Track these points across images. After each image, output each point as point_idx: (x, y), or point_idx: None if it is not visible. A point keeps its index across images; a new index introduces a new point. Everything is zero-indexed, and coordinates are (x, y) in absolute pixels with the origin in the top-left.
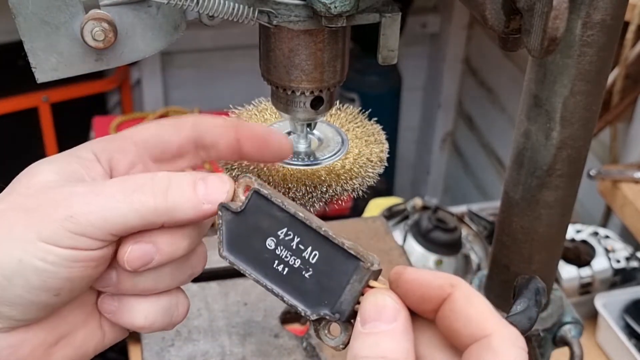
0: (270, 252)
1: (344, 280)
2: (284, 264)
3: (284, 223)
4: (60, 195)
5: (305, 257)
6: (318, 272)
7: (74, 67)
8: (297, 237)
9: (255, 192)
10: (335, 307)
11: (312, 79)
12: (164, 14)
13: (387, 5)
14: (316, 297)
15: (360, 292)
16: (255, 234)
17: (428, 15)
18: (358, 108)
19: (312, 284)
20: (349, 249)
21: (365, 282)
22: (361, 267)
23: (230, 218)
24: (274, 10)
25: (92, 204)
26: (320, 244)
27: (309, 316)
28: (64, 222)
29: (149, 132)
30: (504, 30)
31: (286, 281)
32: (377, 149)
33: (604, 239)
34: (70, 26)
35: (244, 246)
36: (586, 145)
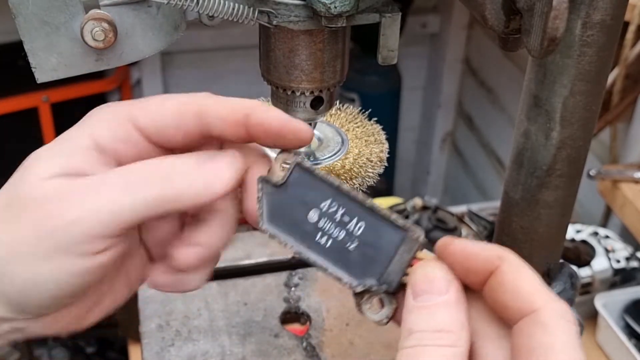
0: (312, 224)
1: (390, 251)
2: (327, 236)
3: (328, 195)
4: (66, 201)
5: (350, 229)
6: (363, 243)
7: (74, 67)
8: (341, 208)
9: (297, 165)
10: (383, 278)
11: (312, 79)
12: (164, 14)
13: (387, 5)
14: (361, 269)
15: (408, 262)
16: (297, 206)
17: (428, 15)
18: (358, 108)
19: (357, 256)
20: (396, 220)
21: (414, 252)
22: (409, 237)
23: (270, 191)
24: (274, 10)
25: (97, 203)
26: (365, 215)
27: (354, 288)
28: (74, 232)
29: (151, 120)
30: (504, 30)
31: (329, 253)
32: (377, 149)
33: (604, 239)
34: (70, 26)
35: (285, 219)
36: (586, 145)
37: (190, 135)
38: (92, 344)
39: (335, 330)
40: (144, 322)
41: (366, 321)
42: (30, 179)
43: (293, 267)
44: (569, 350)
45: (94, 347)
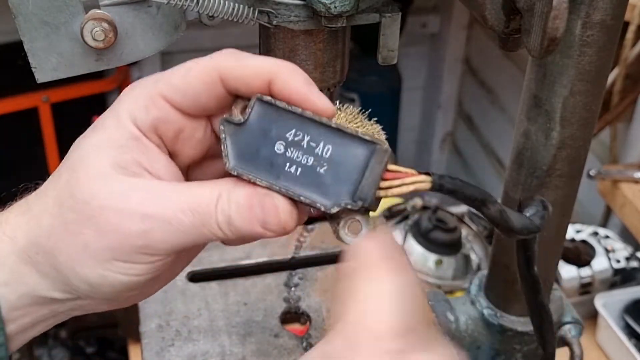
0: (280, 155)
1: (361, 166)
2: (296, 164)
3: (291, 124)
4: (127, 212)
5: (319, 153)
6: (333, 164)
7: (74, 67)
8: (307, 135)
9: (258, 100)
10: (357, 195)
11: (312, 79)
12: (164, 14)
13: (387, 5)
14: (334, 190)
15: (380, 174)
16: (262, 141)
17: (428, 15)
18: (358, 108)
19: (329, 178)
20: (363, 135)
21: (385, 163)
22: (378, 149)
23: (233, 131)
24: (274, 10)
25: (165, 233)
26: (332, 137)
27: (329, 209)
28: (138, 244)
29: (181, 95)
30: (504, 30)
31: (301, 181)
32: None
33: (603, 239)
34: (70, 26)
35: (251, 156)
36: (586, 145)
37: (222, 98)
38: (92, 344)
39: None
40: (144, 322)
41: None
42: (83, 178)
43: (293, 267)
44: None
45: (94, 347)
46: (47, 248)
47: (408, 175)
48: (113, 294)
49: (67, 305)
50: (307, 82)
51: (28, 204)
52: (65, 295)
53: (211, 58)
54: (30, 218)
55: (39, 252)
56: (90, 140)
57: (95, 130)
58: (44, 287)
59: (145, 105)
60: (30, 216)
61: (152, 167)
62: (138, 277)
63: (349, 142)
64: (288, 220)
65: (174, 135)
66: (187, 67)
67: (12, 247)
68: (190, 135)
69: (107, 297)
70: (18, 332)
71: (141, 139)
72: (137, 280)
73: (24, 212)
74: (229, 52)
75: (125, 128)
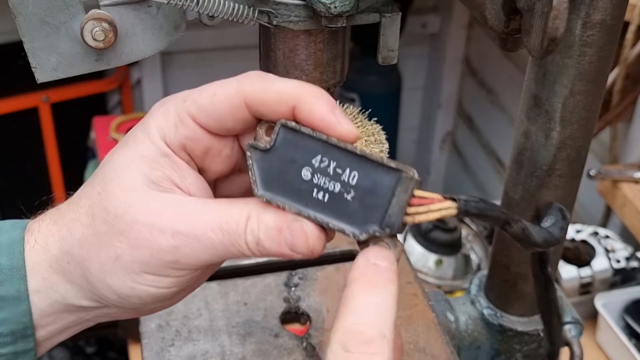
0: (307, 182)
1: (388, 194)
2: (323, 190)
3: (317, 150)
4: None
5: (345, 180)
6: (360, 192)
7: (74, 67)
8: (332, 161)
9: (282, 126)
10: (384, 222)
11: (312, 79)
12: (164, 14)
13: (387, 5)
14: (362, 217)
15: (407, 202)
16: (288, 167)
17: (428, 15)
18: (358, 108)
19: (356, 205)
20: (388, 162)
21: (411, 190)
22: (404, 177)
23: (260, 157)
24: (274, 10)
25: (195, 250)
26: (358, 164)
27: (359, 237)
28: (168, 260)
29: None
30: (504, 30)
31: (328, 207)
32: (377, 149)
33: (604, 239)
34: (70, 26)
35: (278, 182)
36: (586, 145)
37: (246, 121)
38: (92, 344)
39: None
40: (144, 322)
41: None
42: (115, 191)
43: (293, 267)
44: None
45: (94, 347)
46: (79, 258)
47: (434, 202)
48: (141, 304)
49: (94, 312)
50: (330, 107)
51: (60, 212)
52: (93, 303)
53: (237, 82)
54: (62, 227)
55: (71, 262)
56: (123, 155)
57: (126, 145)
58: (73, 295)
59: (175, 123)
60: (63, 225)
61: (183, 183)
62: (166, 289)
63: (375, 169)
64: (317, 245)
65: (202, 153)
66: (213, 90)
67: (44, 255)
68: (218, 153)
69: (134, 307)
70: (47, 337)
71: (171, 156)
72: (164, 293)
73: (56, 220)
74: (255, 76)
75: (155, 145)
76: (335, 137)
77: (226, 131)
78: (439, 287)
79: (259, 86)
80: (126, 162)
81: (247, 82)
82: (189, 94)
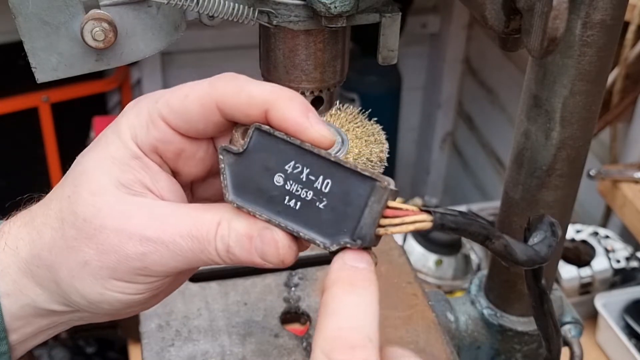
0: (279, 188)
1: (361, 203)
2: (295, 198)
3: (290, 156)
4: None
5: (318, 187)
6: (333, 200)
7: (74, 67)
8: (306, 168)
9: (256, 130)
10: (356, 233)
11: (312, 79)
12: (164, 14)
13: (387, 5)
14: (334, 227)
15: (380, 213)
16: (261, 172)
17: (428, 15)
18: (358, 108)
19: (328, 214)
20: (362, 171)
21: (385, 201)
22: (378, 186)
23: (232, 161)
24: (274, 10)
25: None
26: (331, 171)
27: (329, 247)
28: (137, 269)
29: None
30: (504, 30)
31: (300, 216)
32: (377, 149)
33: (604, 239)
34: (70, 26)
35: (250, 188)
36: (586, 145)
37: (219, 124)
38: (92, 344)
39: None
40: (144, 322)
41: None
42: (84, 195)
43: (293, 267)
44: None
45: (94, 347)
46: (48, 262)
47: (409, 214)
48: (111, 310)
49: (67, 316)
50: (303, 111)
51: (31, 215)
52: (64, 307)
53: (209, 84)
54: (32, 229)
55: (40, 266)
56: (93, 156)
57: (97, 146)
58: (44, 299)
59: (146, 124)
60: (33, 228)
61: (155, 187)
62: (136, 296)
63: (348, 177)
64: (287, 255)
65: (175, 155)
66: (185, 91)
67: (14, 258)
68: (191, 155)
69: (105, 312)
70: (20, 341)
71: (142, 158)
72: (134, 299)
73: (27, 222)
74: (228, 78)
75: (126, 146)
76: (308, 142)
77: (198, 134)
78: (439, 287)
79: (231, 89)
80: (96, 164)
81: (220, 85)
82: (162, 95)
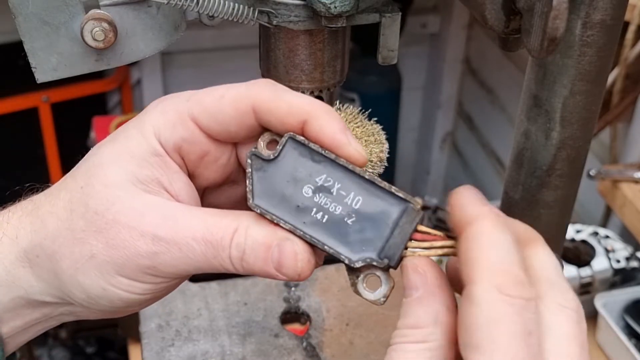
0: (307, 199)
1: (391, 223)
2: (323, 211)
3: (322, 169)
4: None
5: (348, 203)
6: (362, 217)
7: (74, 67)
8: (337, 182)
9: (290, 139)
10: (383, 252)
11: (312, 79)
12: (164, 14)
13: (387, 5)
14: (360, 244)
15: (410, 234)
16: (289, 182)
17: (428, 15)
18: (358, 108)
19: (356, 230)
20: (397, 191)
21: (416, 224)
22: (411, 208)
23: (261, 166)
24: (274, 10)
25: (175, 258)
26: (363, 188)
27: (354, 263)
28: (146, 268)
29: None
30: (504, 30)
31: (326, 229)
32: (377, 149)
33: (604, 239)
34: (70, 26)
35: (276, 196)
36: (586, 145)
37: (253, 129)
38: (92, 344)
39: (335, 330)
40: (144, 322)
41: (366, 321)
42: (98, 187)
43: None
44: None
45: (94, 347)
46: (50, 251)
47: (437, 239)
48: (110, 307)
49: (59, 310)
50: (342, 127)
51: (35, 204)
52: (58, 300)
53: (247, 87)
54: (36, 219)
55: (40, 255)
56: (112, 149)
57: (117, 139)
58: (37, 291)
59: (173, 122)
60: (37, 217)
61: (171, 187)
62: (138, 295)
63: (381, 196)
64: (305, 268)
65: (197, 157)
66: (220, 91)
67: (11, 247)
68: (213, 160)
69: (102, 309)
70: (10, 335)
71: (163, 156)
72: (136, 299)
73: (30, 212)
74: (265, 84)
75: (148, 142)
76: (344, 157)
77: (228, 136)
78: None
79: (269, 95)
80: (113, 158)
81: (258, 89)
82: (193, 94)
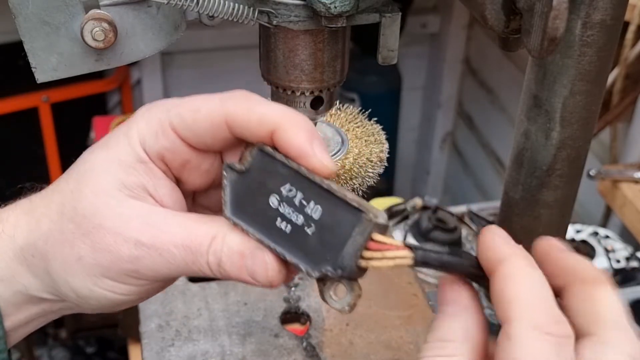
0: (273, 210)
1: (346, 233)
2: (286, 221)
3: (286, 179)
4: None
5: (308, 213)
6: (321, 227)
7: (74, 67)
8: (300, 192)
9: (259, 150)
10: (337, 263)
11: (312, 79)
12: (164, 14)
13: (387, 5)
14: (319, 254)
15: (362, 245)
16: (258, 192)
17: (428, 15)
18: (358, 108)
19: (315, 240)
20: (351, 200)
21: (368, 234)
22: (363, 218)
23: (235, 178)
24: (274, 10)
25: (156, 263)
26: (323, 198)
27: (312, 274)
28: (129, 271)
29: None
30: (504, 30)
31: (289, 239)
32: (377, 149)
33: (603, 239)
34: (70, 26)
35: (248, 206)
36: (586, 145)
37: (227, 140)
38: (92, 344)
39: (335, 330)
40: (144, 322)
41: (366, 321)
42: (87, 192)
43: None
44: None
45: (94, 347)
46: (43, 251)
47: (391, 249)
48: (98, 306)
49: (57, 305)
50: (309, 138)
51: (32, 204)
52: (55, 297)
53: (221, 101)
54: (32, 219)
55: (35, 255)
56: (102, 156)
57: (105, 146)
58: (35, 288)
59: (156, 131)
60: (32, 217)
61: (156, 193)
62: (123, 296)
63: (337, 205)
64: (274, 278)
65: (180, 165)
66: (197, 104)
67: (10, 244)
68: (196, 166)
69: (92, 308)
70: (12, 328)
71: (148, 163)
72: (122, 299)
73: (27, 211)
74: (240, 96)
75: (134, 150)
76: (307, 168)
77: (205, 147)
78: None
79: (242, 108)
80: (103, 165)
81: (231, 103)
82: (175, 105)
